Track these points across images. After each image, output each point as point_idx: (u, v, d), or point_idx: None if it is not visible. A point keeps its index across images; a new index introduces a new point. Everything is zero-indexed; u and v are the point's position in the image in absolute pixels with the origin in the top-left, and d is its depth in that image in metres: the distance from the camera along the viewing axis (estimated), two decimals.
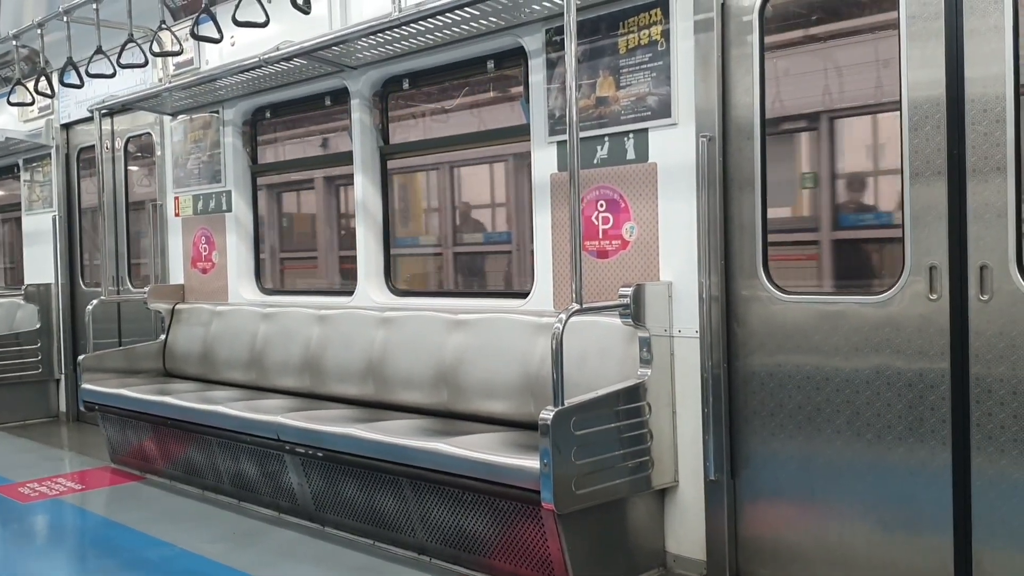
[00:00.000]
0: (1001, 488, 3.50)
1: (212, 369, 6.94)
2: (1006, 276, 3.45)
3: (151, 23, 6.31)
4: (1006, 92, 3.43)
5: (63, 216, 9.13)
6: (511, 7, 4.69)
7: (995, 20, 3.45)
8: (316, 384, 6.08)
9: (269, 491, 5.60)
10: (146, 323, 7.95)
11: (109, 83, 7.27)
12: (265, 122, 7.08)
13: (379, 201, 6.11)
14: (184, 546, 5.03)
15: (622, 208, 4.58)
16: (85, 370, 6.98)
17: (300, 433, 5.12)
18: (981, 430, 3.53)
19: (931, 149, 3.62)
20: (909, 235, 3.69)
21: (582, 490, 3.95)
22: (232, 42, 6.50)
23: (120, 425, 6.75)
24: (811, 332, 3.98)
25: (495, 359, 5.01)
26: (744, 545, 4.26)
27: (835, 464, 3.94)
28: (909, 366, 3.70)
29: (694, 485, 4.34)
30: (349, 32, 5.30)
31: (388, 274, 6.13)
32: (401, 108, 6.28)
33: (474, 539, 4.45)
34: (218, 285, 7.20)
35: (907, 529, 3.74)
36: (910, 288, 3.69)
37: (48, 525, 5.71)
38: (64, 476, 6.79)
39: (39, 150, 9.31)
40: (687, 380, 4.32)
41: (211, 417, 5.74)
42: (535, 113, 4.95)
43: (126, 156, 8.45)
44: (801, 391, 4.02)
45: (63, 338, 9.10)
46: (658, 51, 4.40)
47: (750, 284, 4.17)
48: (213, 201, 7.20)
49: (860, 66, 4.23)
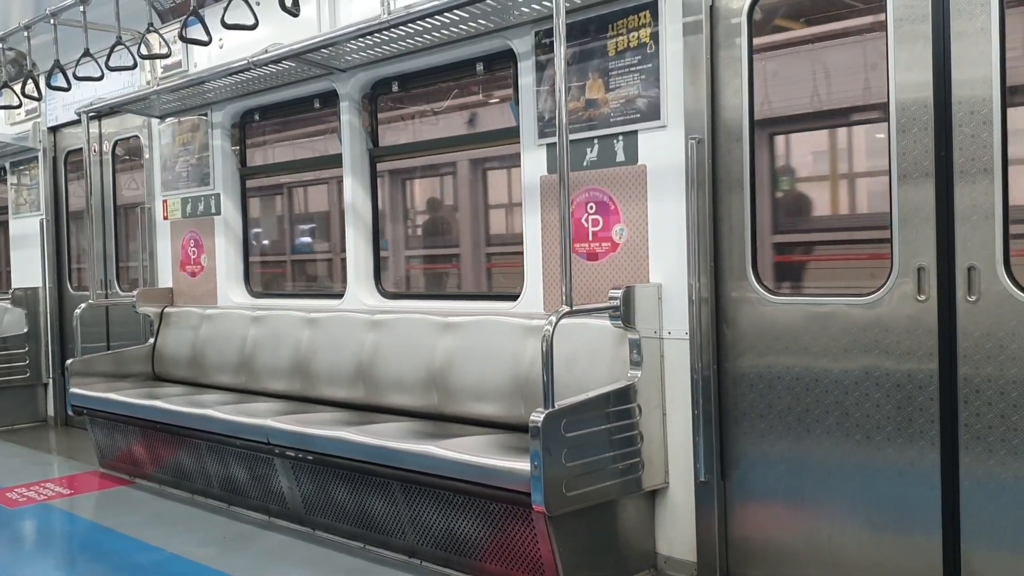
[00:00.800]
0: (989, 488, 3.52)
1: (201, 373, 6.92)
2: (993, 277, 3.47)
3: (139, 25, 6.28)
4: (993, 94, 3.45)
5: (50, 219, 9.09)
6: (500, 9, 4.69)
7: (982, 22, 3.47)
8: (306, 387, 6.07)
9: (259, 495, 5.58)
10: (135, 327, 7.92)
11: (96, 86, 7.24)
12: (254, 125, 7.06)
13: (368, 203, 6.10)
14: (174, 550, 5.02)
15: (612, 210, 4.58)
16: (73, 374, 6.95)
17: (290, 436, 5.11)
18: (969, 430, 3.55)
19: (919, 151, 3.64)
20: (897, 236, 3.70)
21: (573, 492, 3.95)
22: (220, 45, 6.49)
23: (109, 429, 6.72)
24: (800, 333, 3.99)
25: (485, 361, 5.01)
26: (734, 546, 4.27)
27: (824, 465, 3.95)
28: (898, 367, 3.72)
29: (684, 486, 4.34)
30: (338, 34, 5.30)
31: (378, 277, 6.13)
32: (390, 110, 6.27)
33: (465, 542, 4.44)
34: (207, 288, 7.18)
35: (896, 529, 3.76)
36: (898, 289, 3.71)
37: (36, 530, 5.68)
38: (52, 481, 6.75)
39: (26, 153, 9.27)
40: (677, 382, 4.33)
41: (200, 421, 5.73)
42: (524, 115, 4.96)
43: (114, 159, 8.42)
44: (791, 392, 4.04)
45: (51, 342, 9.05)
46: (647, 53, 4.41)
47: (739, 285, 4.18)
48: (202, 204, 7.18)
49: (849, 68, 4.25)
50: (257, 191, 7.61)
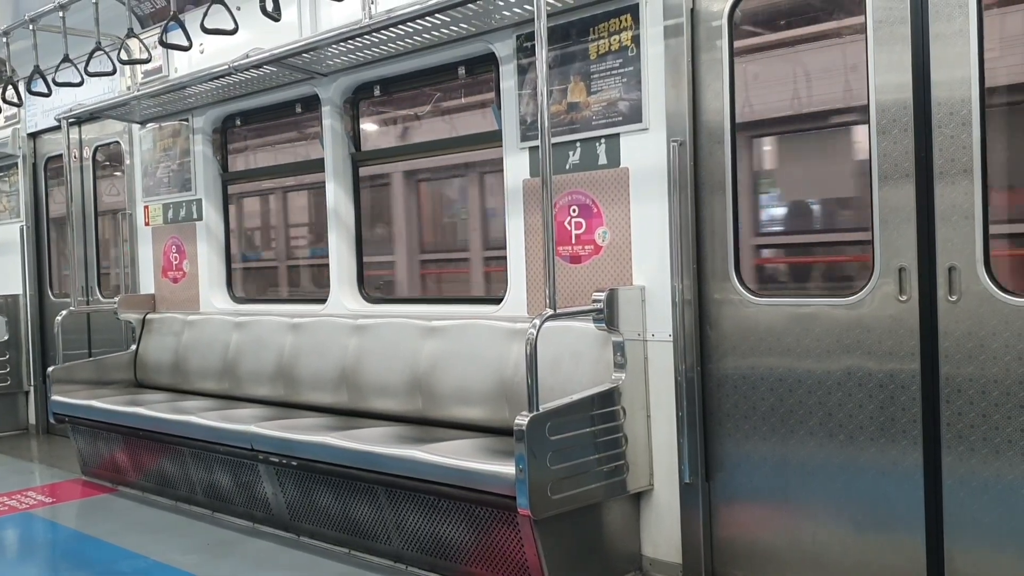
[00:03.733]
0: (972, 486, 3.54)
1: (184, 379, 6.88)
2: (974, 277, 3.49)
3: (119, 31, 6.25)
4: (972, 95, 3.48)
5: (31, 226, 9.03)
6: (482, 13, 4.70)
7: (960, 24, 3.50)
8: (290, 393, 6.04)
9: (243, 501, 5.55)
10: (116, 333, 7.86)
11: (77, 91, 7.20)
12: (235, 130, 7.03)
13: (351, 208, 6.08)
14: (157, 558, 4.99)
15: (595, 213, 4.59)
16: (55, 382, 6.90)
17: (274, 442, 5.09)
18: (951, 429, 3.57)
19: (899, 152, 3.66)
20: (878, 237, 3.72)
21: (558, 495, 3.95)
22: (201, 50, 6.46)
23: (91, 437, 6.67)
24: (783, 334, 4.01)
25: (469, 365, 5.00)
26: (719, 547, 4.28)
27: (808, 465, 3.97)
28: (880, 367, 3.73)
29: (669, 488, 4.35)
30: (319, 39, 5.28)
31: (361, 281, 6.12)
32: (373, 115, 6.26)
33: (450, 546, 4.44)
34: (189, 294, 7.14)
35: (880, 529, 3.78)
36: (880, 290, 3.73)
37: (18, 539, 5.63)
38: (34, 489, 6.70)
39: (6, 159, 9.21)
40: (661, 384, 4.34)
41: (183, 427, 5.70)
42: (507, 119, 4.96)
43: (94, 165, 8.37)
44: (774, 393, 4.05)
45: (32, 350, 8.99)
46: (628, 56, 4.42)
47: (722, 287, 4.19)
48: (183, 210, 7.15)
49: (829, 70, 4.27)
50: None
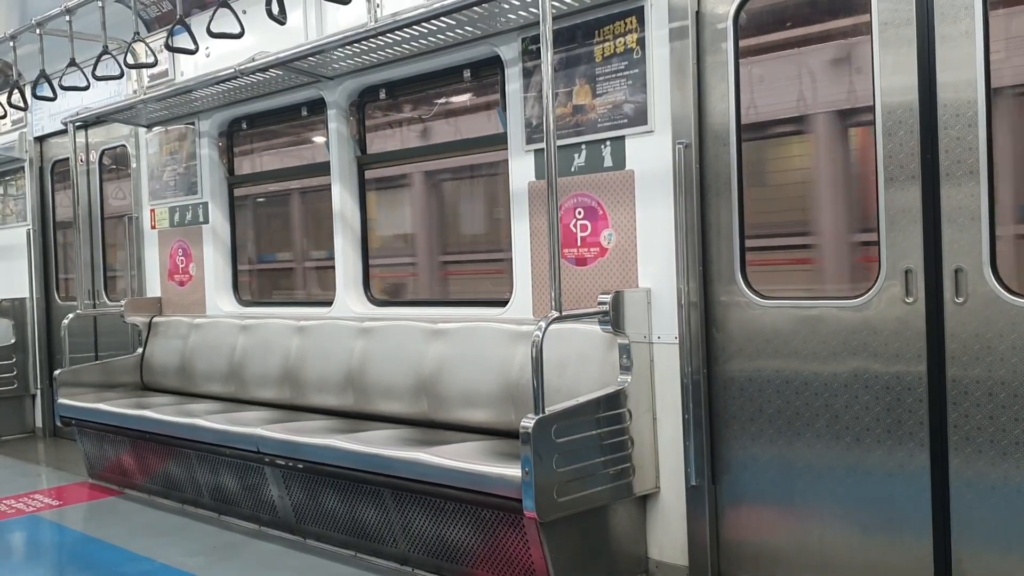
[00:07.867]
0: (979, 489, 3.53)
1: (190, 382, 6.89)
2: (980, 279, 3.48)
3: (125, 35, 6.27)
4: (977, 96, 3.47)
5: (37, 230, 9.06)
6: (487, 16, 4.70)
7: (966, 25, 3.50)
8: (296, 395, 6.05)
9: (249, 504, 5.56)
10: (123, 337, 7.89)
11: (83, 95, 7.23)
12: (241, 133, 7.05)
13: (357, 211, 6.09)
14: (163, 560, 4.99)
15: (600, 215, 4.59)
16: (61, 385, 6.92)
17: (280, 445, 5.09)
18: (958, 432, 3.56)
19: (905, 154, 3.65)
20: (884, 239, 3.72)
21: (564, 498, 3.95)
22: (207, 53, 6.48)
23: (98, 440, 6.69)
24: (789, 337, 4.00)
25: (475, 368, 5.00)
26: (726, 550, 4.27)
27: (815, 468, 3.96)
28: (887, 369, 3.73)
29: (675, 491, 4.34)
30: (325, 42, 5.29)
31: (367, 284, 6.12)
32: (378, 118, 6.27)
33: (456, 549, 4.44)
34: (196, 297, 7.15)
35: (887, 531, 3.77)
36: (886, 292, 3.72)
37: (25, 542, 5.65)
38: (41, 492, 6.72)
39: (12, 163, 9.23)
40: (667, 386, 4.33)
41: (190, 430, 5.70)
42: (512, 122, 4.96)
43: (101, 169, 8.39)
44: (780, 395, 4.05)
45: (39, 353, 9.01)
46: (634, 59, 4.42)
47: (728, 290, 4.19)
48: (190, 213, 7.16)
49: (834, 72, 4.26)
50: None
